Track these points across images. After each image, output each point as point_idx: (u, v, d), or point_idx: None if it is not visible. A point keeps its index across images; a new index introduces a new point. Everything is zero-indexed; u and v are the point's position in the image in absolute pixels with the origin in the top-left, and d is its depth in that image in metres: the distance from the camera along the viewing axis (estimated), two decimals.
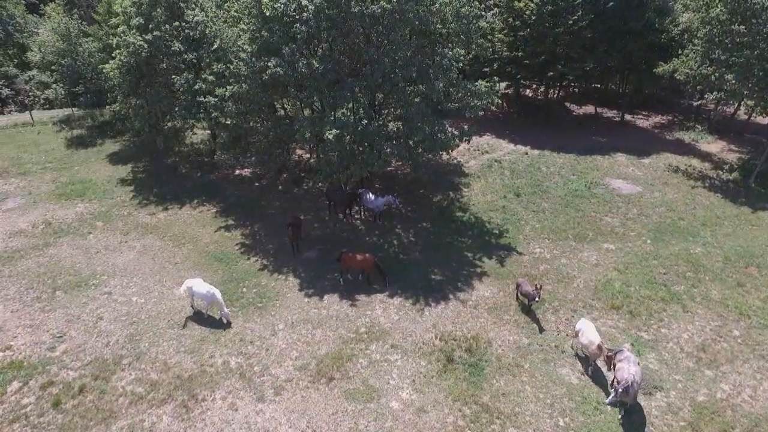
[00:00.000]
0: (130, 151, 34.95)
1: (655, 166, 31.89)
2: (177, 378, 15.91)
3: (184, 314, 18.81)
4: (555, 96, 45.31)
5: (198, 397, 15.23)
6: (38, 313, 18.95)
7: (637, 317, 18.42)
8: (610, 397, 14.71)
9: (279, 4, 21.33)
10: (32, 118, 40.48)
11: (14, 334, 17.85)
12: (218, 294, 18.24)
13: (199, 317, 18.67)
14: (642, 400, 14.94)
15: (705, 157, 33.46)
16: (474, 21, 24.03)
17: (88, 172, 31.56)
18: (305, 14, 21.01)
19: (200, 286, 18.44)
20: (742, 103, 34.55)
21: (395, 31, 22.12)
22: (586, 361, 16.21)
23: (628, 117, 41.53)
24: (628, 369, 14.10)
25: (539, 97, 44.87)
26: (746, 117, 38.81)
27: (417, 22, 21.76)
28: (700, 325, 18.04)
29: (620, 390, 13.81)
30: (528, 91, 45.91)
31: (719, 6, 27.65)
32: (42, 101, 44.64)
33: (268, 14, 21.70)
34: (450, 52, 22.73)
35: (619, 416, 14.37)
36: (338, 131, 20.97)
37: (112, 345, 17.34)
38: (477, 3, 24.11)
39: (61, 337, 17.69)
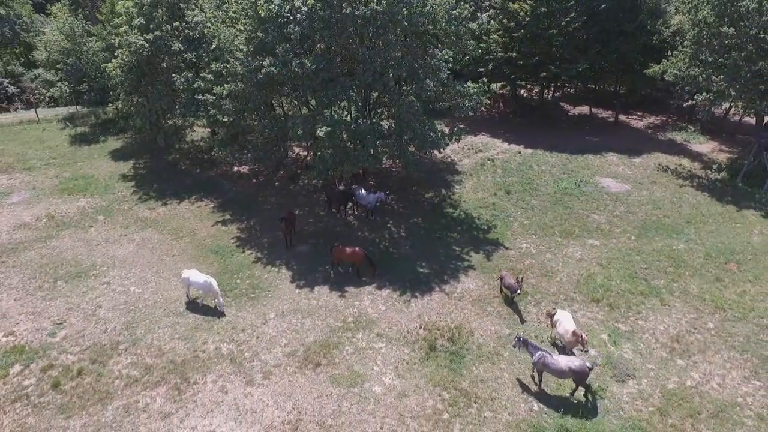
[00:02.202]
0: (132, 148, 35.81)
1: (646, 165, 32.44)
2: (171, 362, 16.64)
3: (180, 303, 19.56)
4: (551, 96, 45.87)
5: (190, 380, 15.95)
6: (40, 301, 19.74)
7: (615, 309, 19.02)
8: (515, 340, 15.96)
9: (273, 6, 22.03)
10: (37, 116, 41.41)
11: (17, 320, 18.64)
12: (215, 283, 18.97)
13: (194, 306, 19.41)
14: (614, 387, 15.59)
15: (695, 156, 34.01)
16: (464, 23, 24.67)
17: (90, 168, 32.39)
18: (298, 15, 21.72)
19: (197, 275, 19.21)
20: (733, 104, 35.03)
21: (387, 32, 22.77)
22: (563, 350, 16.83)
23: (622, 117, 42.09)
24: (566, 356, 15.44)
25: (535, 98, 45.45)
26: (738, 118, 39.31)
27: (407, 24, 22.41)
28: (676, 317, 18.63)
29: (531, 344, 15.40)
30: (523, 91, 46.51)
31: (707, 8, 28.18)
32: (47, 99, 45.51)
33: (263, 15, 22.40)
34: (439, 53, 23.36)
35: (536, 386, 15.62)
36: (330, 128, 21.67)
37: (110, 331, 18.10)
38: (468, 6, 24.68)
39: (61, 323, 18.46)
